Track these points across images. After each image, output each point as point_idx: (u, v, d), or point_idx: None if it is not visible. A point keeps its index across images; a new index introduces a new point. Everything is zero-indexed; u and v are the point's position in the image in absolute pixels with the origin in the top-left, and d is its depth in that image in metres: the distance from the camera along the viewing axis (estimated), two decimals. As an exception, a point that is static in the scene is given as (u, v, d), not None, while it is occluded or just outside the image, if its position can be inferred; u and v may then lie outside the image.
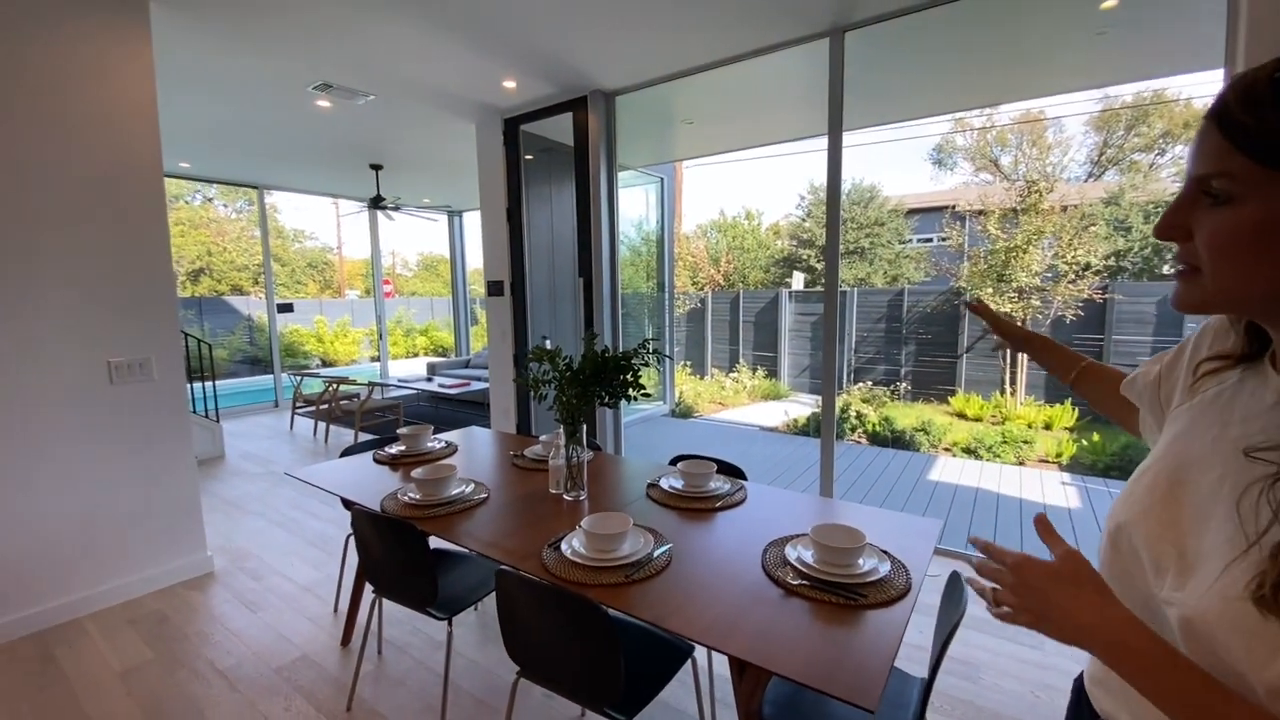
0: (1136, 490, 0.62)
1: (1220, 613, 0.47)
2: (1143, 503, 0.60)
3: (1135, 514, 0.60)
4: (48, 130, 2.30)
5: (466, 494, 1.83)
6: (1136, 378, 0.77)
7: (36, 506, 2.34)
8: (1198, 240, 0.52)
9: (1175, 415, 0.66)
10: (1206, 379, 0.63)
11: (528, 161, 4.33)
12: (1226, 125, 0.49)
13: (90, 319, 2.44)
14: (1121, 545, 0.60)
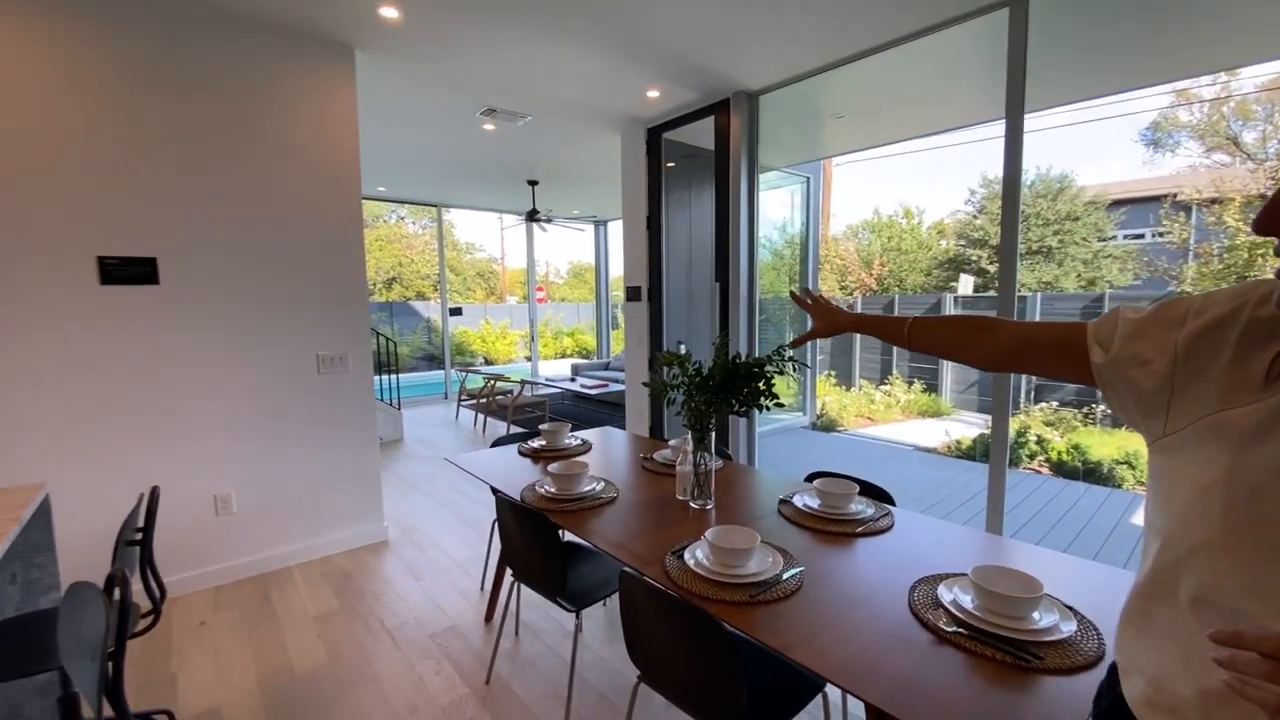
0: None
1: None
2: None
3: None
4: (277, 162, 2.81)
5: (597, 492, 1.87)
6: (1125, 335, 0.64)
7: (264, 471, 2.86)
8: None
9: (1236, 414, 0.52)
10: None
11: (668, 169, 4.39)
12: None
13: (305, 318, 2.94)
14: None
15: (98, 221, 2.40)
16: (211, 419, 2.71)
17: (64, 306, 2.36)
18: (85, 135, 2.36)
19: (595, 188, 6.67)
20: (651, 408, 4.46)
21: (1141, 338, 0.62)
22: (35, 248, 2.29)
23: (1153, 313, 0.63)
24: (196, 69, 2.57)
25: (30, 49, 2.24)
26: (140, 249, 2.50)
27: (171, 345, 2.59)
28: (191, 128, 2.58)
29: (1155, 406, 0.60)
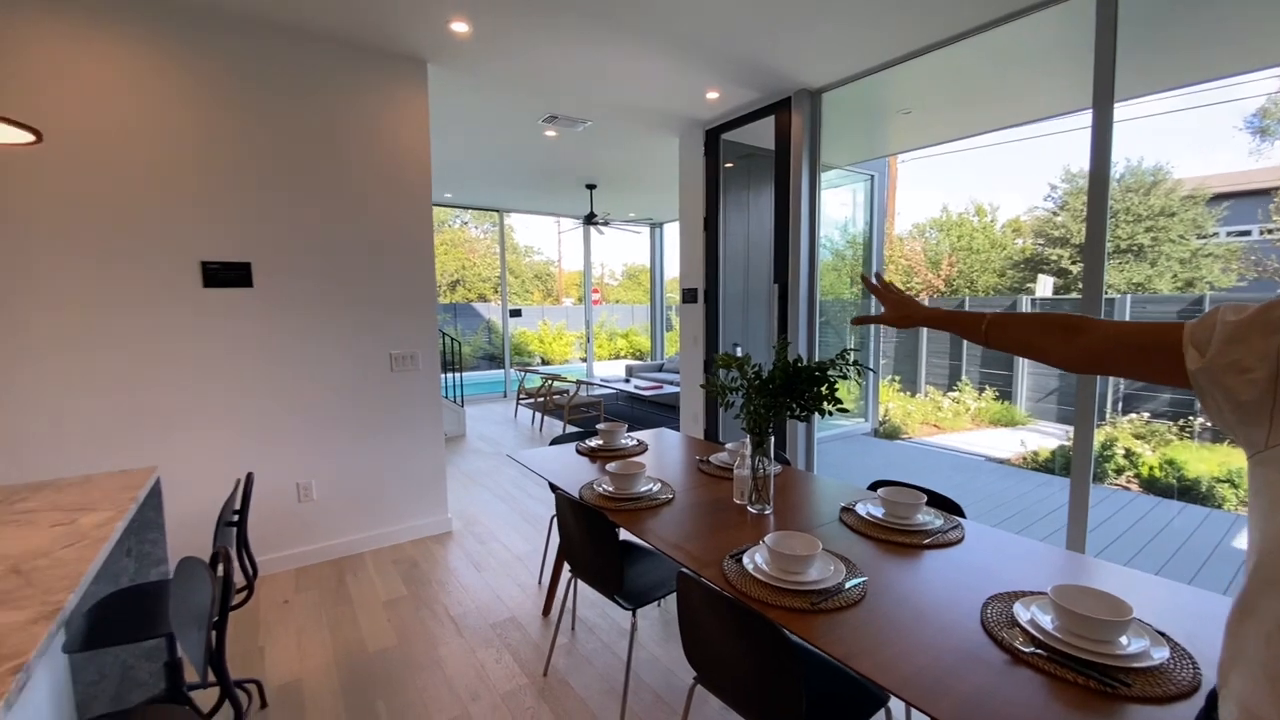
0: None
1: None
2: None
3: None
4: (355, 173, 2.99)
5: (653, 492, 1.89)
6: (1224, 338, 0.59)
7: (341, 462, 3.05)
8: None
9: None
10: None
11: (726, 169, 4.36)
12: None
13: (379, 319, 3.11)
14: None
15: (200, 229, 2.64)
16: (296, 412, 2.91)
17: (173, 307, 2.60)
18: (191, 151, 2.59)
19: (652, 190, 6.71)
20: (706, 410, 4.44)
21: (1241, 342, 0.58)
22: (149, 253, 2.54)
23: (1253, 315, 0.58)
24: (285, 89, 2.77)
25: (147, 79, 2.49)
26: (237, 254, 2.73)
27: (263, 344, 2.81)
28: (281, 143, 2.78)
29: (1256, 417, 0.56)
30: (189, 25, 2.54)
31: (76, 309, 2.42)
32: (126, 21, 2.43)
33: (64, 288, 2.39)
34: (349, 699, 1.96)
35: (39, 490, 1.67)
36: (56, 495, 1.62)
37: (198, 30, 2.56)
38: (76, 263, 2.41)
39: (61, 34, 2.33)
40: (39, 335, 2.36)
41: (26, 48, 2.27)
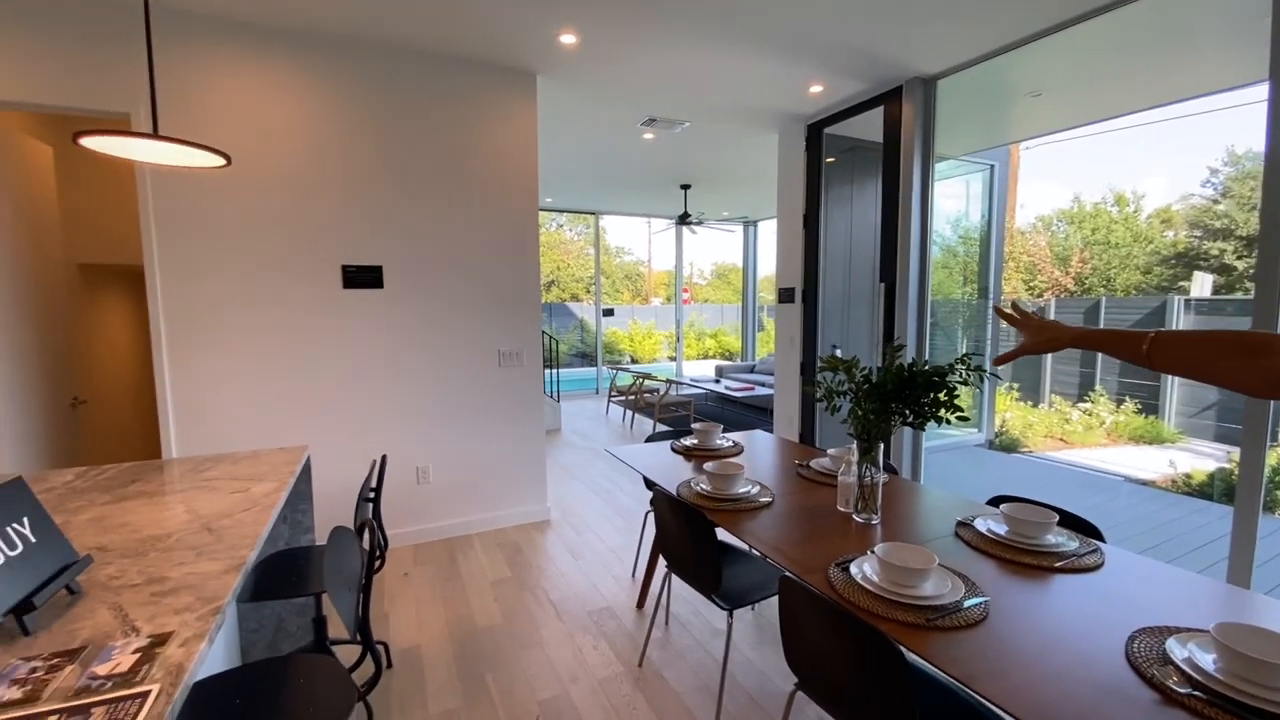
0: None
1: None
2: None
3: None
4: (470, 182, 3.21)
5: (752, 494, 1.88)
6: None
7: (454, 449, 3.30)
8: None
9: None
10: None
11: (828, 164, 4.21)
12: None
13: (489, 318, 3.32)
14: None
15: (341, 236, 2.95)
16: (417, 401, 3.18)
17: (319, 305, 2.93)
18: (334, 165, 2.91)
19: (747, 188, 6.62)
20: (803, 413, 4.32)
21: None
22: (302, 257, 2.88)
23: None
24: (411, 106, 3.04)
25: (299, 103, 2.82)
26: (370, 258, 3.02)
27: (390, 340, 3.10)
28: (407, 155, 3.05)
29: None
30: (332, 53, 2.86)
31: (250, 305, 2.80)
32: (279, 54, 2.77)
33: (242, 287, 2.78)
34: (461, 668, 2.12)
35: (218, 462, 1.95)
36: (232, 467, 1.89)
37: (340, 57, 2.87)
38: (251, 265, 2.79)
39: (230, 67, 2.70)
40: (226, 328, 2.76)
41: (209, 79, 2.66)
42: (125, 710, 0.75)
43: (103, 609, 1.01)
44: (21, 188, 2.80)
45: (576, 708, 1.90)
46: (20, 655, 0.88)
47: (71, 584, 1.05)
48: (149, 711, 0.75)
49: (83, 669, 0.85)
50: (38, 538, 1.03)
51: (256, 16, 2.62)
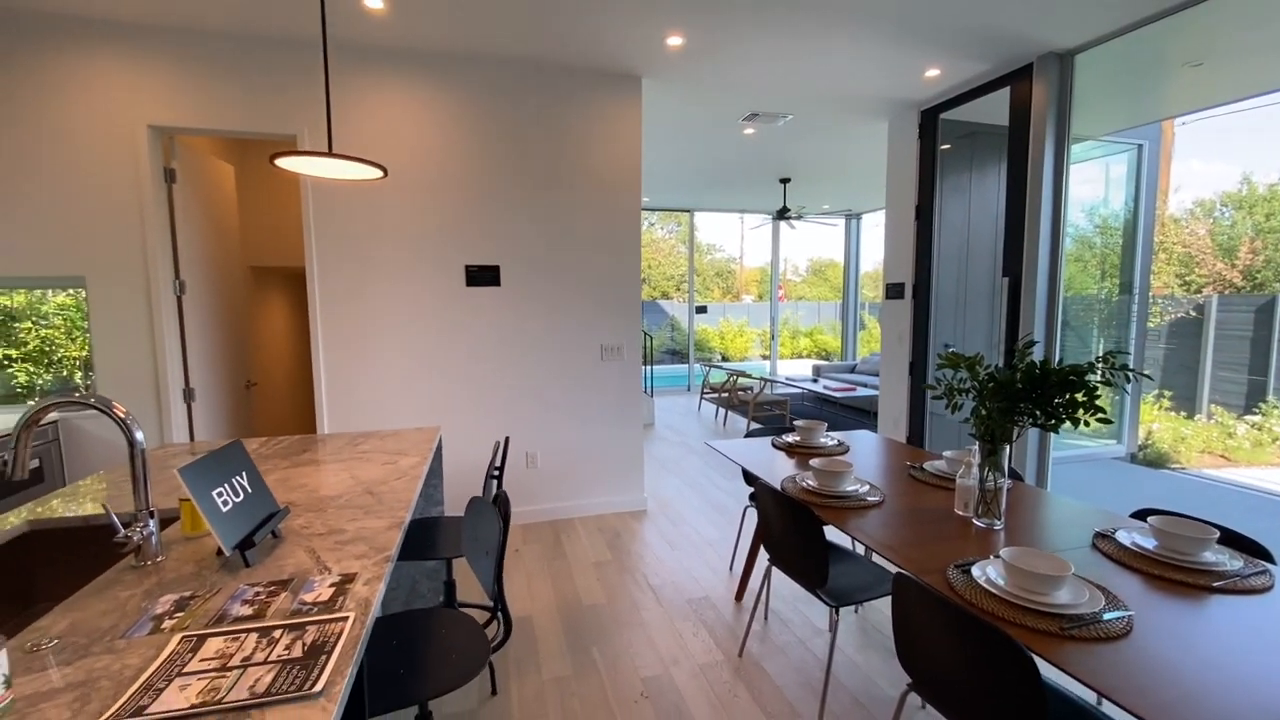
0: None
1: None
2: None
3: None
4: (577, 185, 3.37)
5: (860, 493, 1.85)
6: None
7: (559, 437, 3.49)
8: None
9: None
10: None
11: (943, 151, 3.97)
12: None
13: (592, 313, 3.48)
14: None
15: (464, 237, 3.22)
16: (528, 390, 3.40)
17: (446, 301, 3.22)
18: (457, 171, 3.18)
19: (851, 180, 6.37)
20: (911, 415, 4.12)
21: None
22: (432, 258, 3.18)
23: None
24: (523, 115, 3.24)
25: (430, 116, 3.11)
26: (489, 258, 3.27)
27: (506, 334, 3.34)
28: (520, 162, 3.26)
29: None
30: (454, 70, 3.12)
31: (388, 301, 3.14)
32: (411, 75, 3.07)
33: (382, 285, 3.12)
34: (569, 639, 2.26)
35: (368, 438, 2.22)
36: (380, 442, 2.15)
37: (461, 74, 3.13)
38: (389, 265, 3.12)
39: (373, 89, 3.03)
40: (368, 321, 3.12)
41: (354, 101, 3.01)
42: (331, 630, 0.91)
43: (299, 551, 1.21)
44: (214, 202, 3.32)
45: (679, 689, 1.97)
46: (245, 582, 1.08)
47: (275, 529, 1.27)
48: (349, 634, 0.91)
49: (293, 596, 1.03)
50: (253, 490, 1.26)
51: (392, 42, 2.93)
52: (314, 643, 0.88)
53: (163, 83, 2.79)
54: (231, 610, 0.98)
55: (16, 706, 0.75)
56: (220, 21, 2.70)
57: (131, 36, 2.72)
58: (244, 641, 0.88)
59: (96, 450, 2.85)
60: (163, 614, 0.97)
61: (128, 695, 0.77)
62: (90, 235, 2.77)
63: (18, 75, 2.64)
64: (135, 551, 1.16)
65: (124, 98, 2.75)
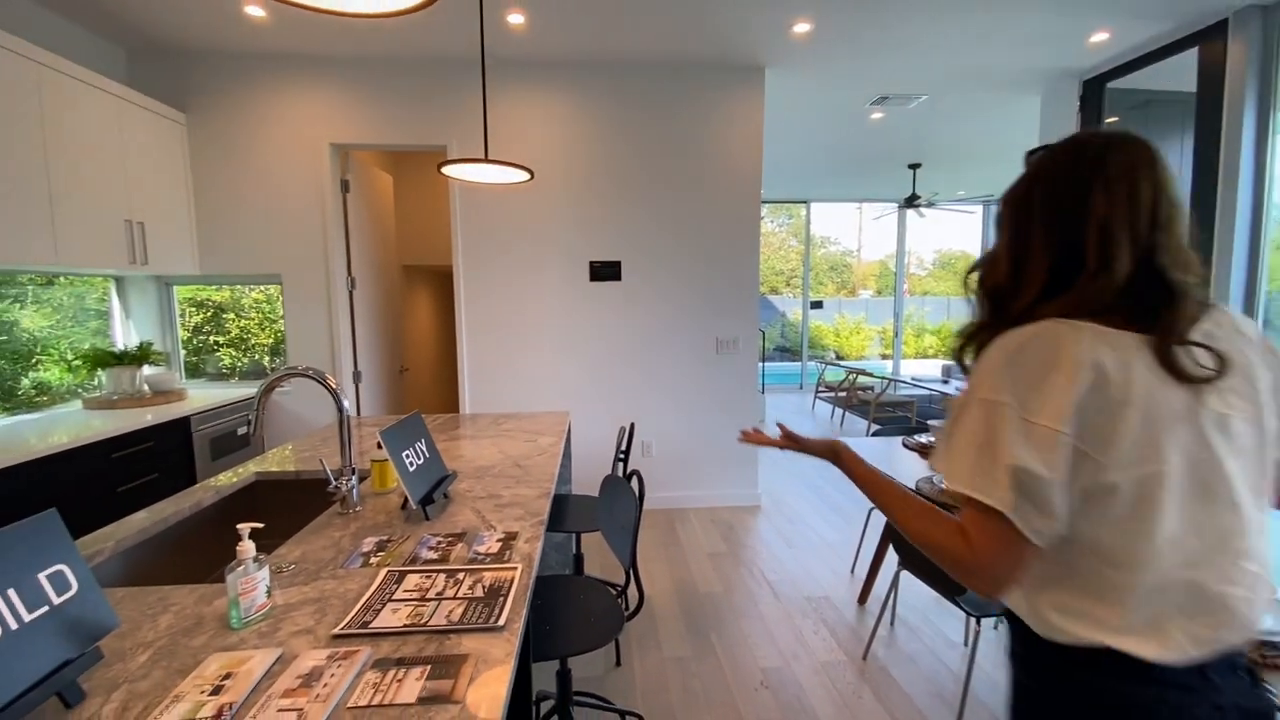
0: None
1: None
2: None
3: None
4: (698, 180, 3.41)
5: (1009, 498, 1.72)
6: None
7: (674, 428, 3.57)
8: None
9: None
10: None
11: (1110, 125, 3.52)
12: None
13: (709, 307, 3.51)
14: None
15: (589, 234, 3.39)
16: (645, 381, 3.52)
17: (571, 296, 3.42)
18: (582, 171, 3.35)
19: (991, 163, 5.82)
20: (1059, 421, 3.71)
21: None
22: (560, 254, 3.39)
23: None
24: (646, 113, 3.34)
25: (557, 119, 3.31)
26: (612, 254, 3.42)
27: (626, 326, 3.47)
28: (642, 158, 3.37)
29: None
30: (581, 74, 3.28)
31: (523, 294, 3.40)
32: (542, 82, 3.27)
33: (517, 279, 3.39)
34: (687, 622, 2.32)
35: (509, 418, 2.43)
36: (519, 422, 2.34)
37: (587, 77, 3.29)
38: (523, 261, 3.38)
39: (512, 98, 3.27)
40: (505, 313, 3.40)
41: (497, 110, 3.27)
42: (504, 577, 1.04)
43: (467, 510, 1.37)
44: (377, 208, 3.77)
45: (800, 683, 1.96)
46: (428, 532, 1.25)
47: (446, 491, 1.44)
48: (519, 582, 1.02)
49: (468, 546, 1.17)
50: (430, 455, 1.44)
51: (528, 54, 3.14)
52: (492, 585, 1.00)
53: (339, 105, 3.22)
54: (421, 554, 1.14)
55: (275, 612, 0.94)
56: (381, 48, 3.07)
57: (315, 66, 3.17)
58: (435, 579, 1.03)
59: (286, 424, 3.37)
60: (369, 552, 1.16)
61: (354, 612, 0.93)
62: (285, 239, 3.27)
63: (230, 110, 3.18)
64: (341, 501, 1.38)
65: (310, 120, 3.22)
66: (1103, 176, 0.67)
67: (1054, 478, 0.61)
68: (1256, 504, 0.66)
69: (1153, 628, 0.63)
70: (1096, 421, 0.61)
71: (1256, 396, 0.67)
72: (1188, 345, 0.63)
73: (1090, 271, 0.65)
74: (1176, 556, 0.63)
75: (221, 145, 3.21)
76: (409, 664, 0.79)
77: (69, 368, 2.88)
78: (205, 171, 3.22)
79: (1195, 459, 0.63)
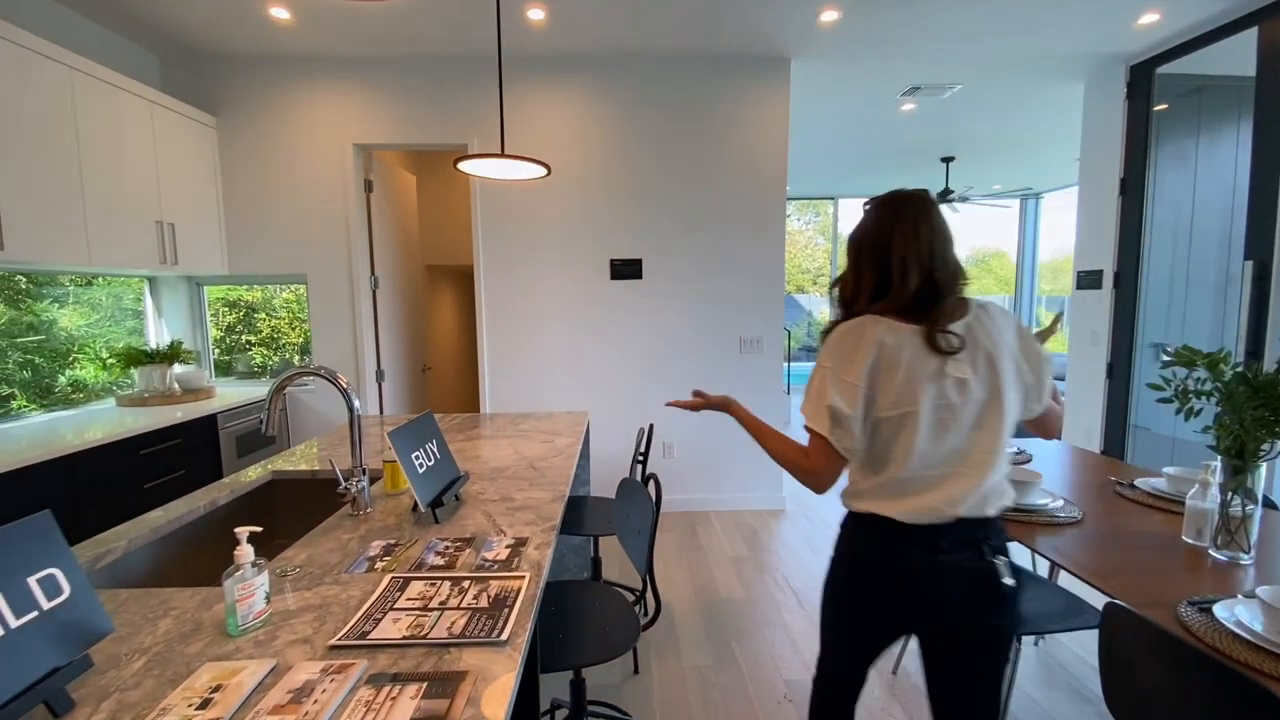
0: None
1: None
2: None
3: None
4: (720, 178, 3.33)
5: (1052, 508, 1.61)
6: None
7: (695, 429, 3.50)
8: None
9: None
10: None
11: (1158, 113, 3.33)
12: None
13: (732, 305, 3.43)
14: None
15: (610, 231, 3.34)
16: (667, 380, 3.46)
17: (592, 295, 3.38)
18: (600, 168, 3.31)
19: (1031, 153, 5.59)
20: (1108, 425, 3.53)
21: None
22: (578, 254, 3.35)
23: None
24: (667, 108, 3.28)
25: (577, 116, 3.27)
26: (632, 252, 3.37)
27: (648, 325, 3.42)
28: (663, 154, 3.31)
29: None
30: (602, 70, 3.23)
31: (544, 294, 3.37)
32: (562, 78, 3.23)
33: (539, 279, 3.36)
34: (707, 630, 2.26)
35: (527, 418, 2.40)
36: (537, 422, 2.31)
37: (608, 73, 3.24)
38: (545, 261, 3.35)
39: (530, 95, 3.24)
40: (526, 313, 3.38)
41: (515, 107, 3.24)
42: (511, 586, 0.99)
43: (478, 514, 1.33)
44: (400, 208, 3.79)
45: (824, 696, 1.87)
46: (436, 536, 1.22)
47: (458, 492, 1.41)
48: (526, 592, 0.97)
49: (476, 552, 1.13)
50: (441, 456, 1.41)
51: (548, 50, 3.11)
52: (497, 595, 0.96)
53: (361, 106, 3.24)
54: (428, 559, 1.11)
55: (274, 619, 0.91)
56: (402, 48, 3.07)
57: (338, 68, 3.19)
58: (439, 587, 0.99)
59: (311, 421, 3.41)
60: (375, 556, 1.12)
61: (354, 621, 0.89)
62: (310, 239, 3.30)
63: (258, 113, 3.23)
64: (351, 502, 1.36)
65: (334, 121, 3.24)
66: (899, 225, 1.00)
67: (854, 413, 0.98)
68: (977, 432, 1.00)
69: (902, 502, 1.00)
70: (878, 379, 0.98)
71: (995, 364, 0.99)
72: (944, 332, 0.97)
73: (895, 286, 1.00)
74: (922, 461, 0.99)
75: (249, 147, 3.26)
76: (405, 680, 0.75)
77: (104, 366, 2.95)
78: (234, 173, 3.27)
79: (937, 404, 0.97)
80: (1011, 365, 1.01)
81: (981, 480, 1.00)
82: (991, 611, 1.04)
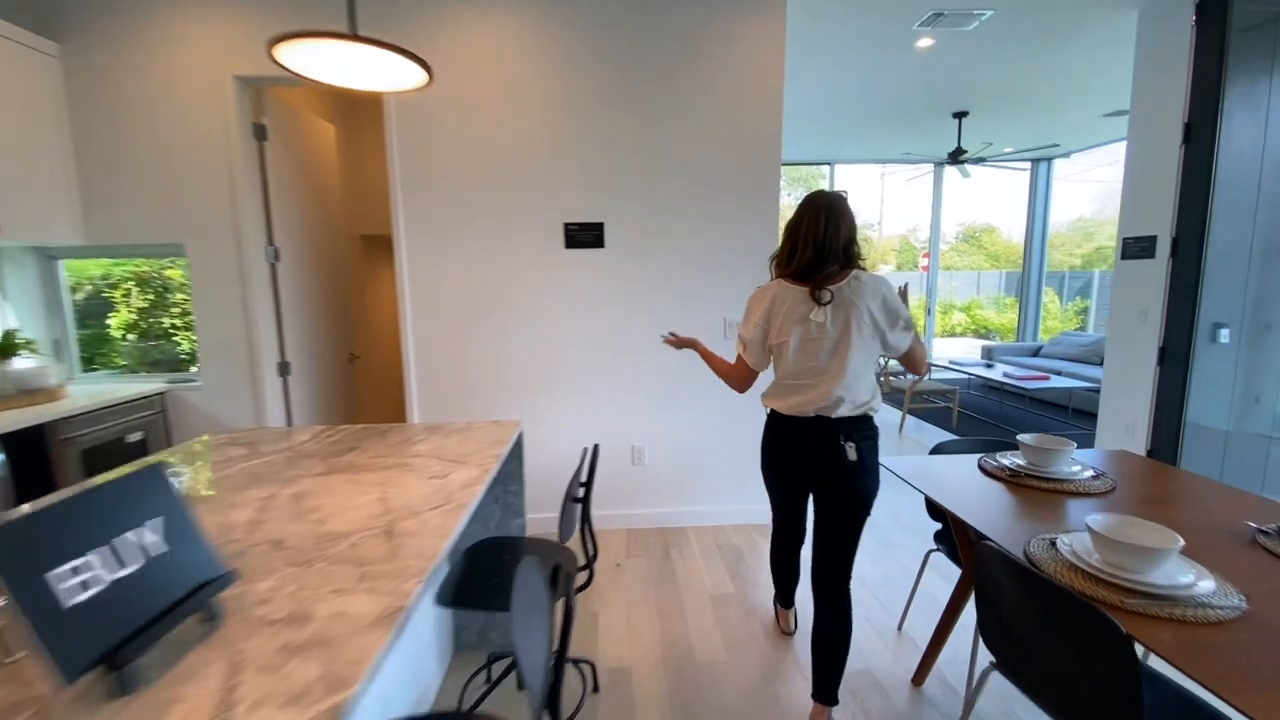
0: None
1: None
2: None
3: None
4: (701, 132, 2.68)
5: (1200, 592, 1.03)
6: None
7: (670, 432, 2.90)
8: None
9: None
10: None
11: (1234, 41, 2.72)
12: None
13: (714, 283, 2.82)
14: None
15: (565, 192, 2.70)
16: (636, 373, 2.85)
17: (542, 267, 2.74)
18: (556, 108, 2.64)
19: (1056, 108, 4.96)
20: (1157, 421, 2.97)
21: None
22: (528, 215, 2.70)
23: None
24: (637, 40, 2.61)
25: (529, 50, 2.59)
26: (592, 215, 2.72)
27: (611, 305, 2.79)
28: (632, 97, 2.65)
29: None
30: None
31: (481, 266, 2.73)
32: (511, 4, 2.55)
33: (474, 247, 2.72)
34: (676, 713, 1.69)
35: (432, 433, 1.79)
36: (443, 441, 1.70)
37: None
38: (482, 225, 2.70)
39: (470, 15, 2.55)
40: (459, 287, 2.74)
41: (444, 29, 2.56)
42: None
43: (215, 664, 0.72)
44: (311, 163, 3.10)
45: (837, 836, 1.32)
46: (101, 733, 0.61)
47: (215, 610, 0.80)
48: None
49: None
50: (173, 545, 0.79)
51: (486, -51, 2.42)
52: None
53: (246, 29, 2.54)
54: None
55: None
56: (295, -55, 2.36)
57: (213, -24, 2.48)
58: None
59: (199, 425, 2.78)
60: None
61: None
62: (185, 198, 2.63)
63: (116, 38, 2.52)
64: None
65: (211, 47, 2.55)
66: (808, 214, 1.54)
67: (757, 340, 1.61)
68: (831, 358, 1.51)
69: (785, 400, 1.58)
70: (771, 321, 1.57)
71: (849, 314, 1.48)
72: (819, 289, 1.49)
73: (800, 258, 1.53)
74: (794, 375, 1.56)
75: (104, 82, 2.57)
76: None
77: (-99, 363, 2.29)
78: (85, 117, 2.58)
79: (802, 338, 1.52)
80: (867, 316, 1.49)
81: (830, 390, 1.50)
82: (845, 476, 1.52)
